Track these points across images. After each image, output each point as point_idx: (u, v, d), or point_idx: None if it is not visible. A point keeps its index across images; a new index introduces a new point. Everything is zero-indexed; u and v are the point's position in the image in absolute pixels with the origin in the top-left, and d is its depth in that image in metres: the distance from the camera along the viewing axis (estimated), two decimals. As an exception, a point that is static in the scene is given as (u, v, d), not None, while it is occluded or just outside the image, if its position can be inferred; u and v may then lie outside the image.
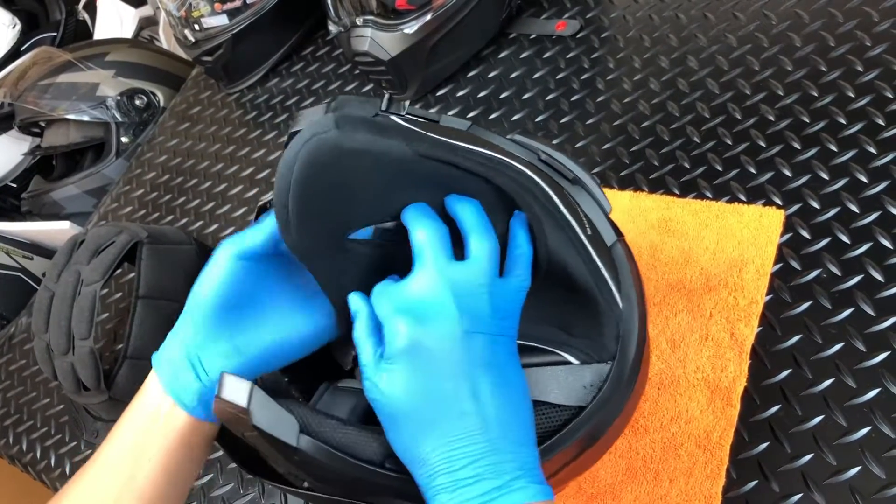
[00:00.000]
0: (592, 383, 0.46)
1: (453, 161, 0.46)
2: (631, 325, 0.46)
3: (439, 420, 0.40)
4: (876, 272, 0.63)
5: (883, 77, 0.73)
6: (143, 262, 0.86)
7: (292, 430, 0.40)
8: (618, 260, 0.47)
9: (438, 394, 0.40)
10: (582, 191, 0.49)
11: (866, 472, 0.56)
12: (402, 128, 0.46)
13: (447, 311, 0.41)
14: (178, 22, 1.14)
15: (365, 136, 0.43)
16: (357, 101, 0.49)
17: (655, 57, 0.87)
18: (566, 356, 0.47)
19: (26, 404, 1.02)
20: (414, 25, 0.90)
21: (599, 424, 0.46)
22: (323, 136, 0.42)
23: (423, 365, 0.41)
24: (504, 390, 0.41)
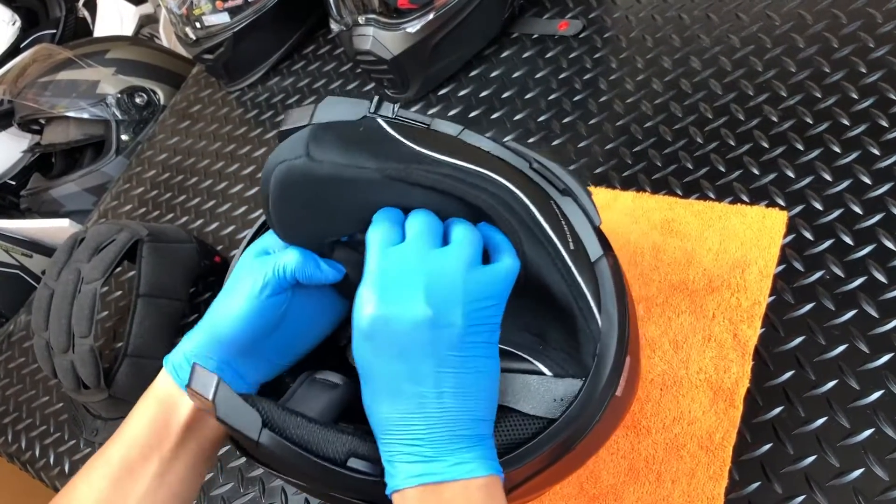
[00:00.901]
0: (563, 398, 0.45)
1: (424, 183, 0.45)
2: (608, 344, 0.45)
3: (395, 393, 0.41)
4: (879, 274, 0.63)
5: (887, 79, 0.73)
6: (144, 260, 0.86)
7: (255, 424, 0.41)
8: (601, 275, 0.46)
9: (394, 371, 0.42)
10: (572, 202, 0.48)
11: (870, 474, 0.56)
12: (376, 147, 0.46)
13: (415, 298, 0.41)
14: (179, 19, 1.13)
15: (332, 167, 0.44)
16: (346, 102, 0.49)
17: (658, 57, 0.87)
18: (540, 366, 0.47)
19: (25, 402, 1.01)
20: (416, 24, 0.90)
21: (567, 441, 0.45)
22: (293, 162, 0.45)
23: (382, 344, 0.42)
24: (462, 375, 0.41)
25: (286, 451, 0.41)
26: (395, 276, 0.42)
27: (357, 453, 0.43)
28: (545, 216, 0.46)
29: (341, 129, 0.47)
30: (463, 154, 0.46)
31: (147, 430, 0.48)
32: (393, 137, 0.47)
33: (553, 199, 0.48)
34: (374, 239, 0.45)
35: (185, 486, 0.50)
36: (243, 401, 0.41)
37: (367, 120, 0.49)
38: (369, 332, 0.42)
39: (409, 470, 0.40)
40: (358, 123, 0.48)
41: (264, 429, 0.41)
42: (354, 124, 0.48)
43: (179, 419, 0.49)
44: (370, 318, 0.42)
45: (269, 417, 0.42)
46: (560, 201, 0.48)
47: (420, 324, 0.41)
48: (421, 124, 0.50)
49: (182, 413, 0.49)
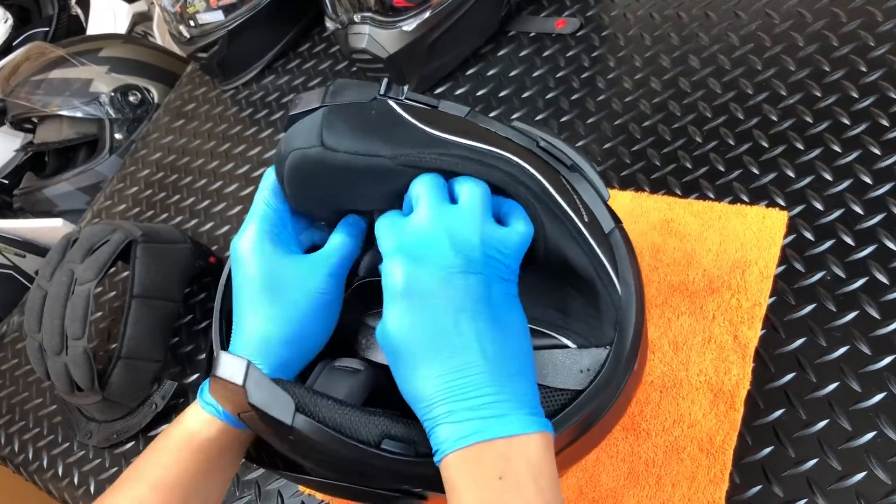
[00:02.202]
0: (590, 367, 0.46)
1: (438, 167, 0.46)
2: (629, 311, 0.46)
3: (436, 354, 0.40)
4: (881, 275, 0.63)
5: (887, 77, 0.72)
6: (138, 260, 0.85)
7: (288, 408, 0.40)
8: (615, 246, 0.47)
9: (434, 329, 0.41)
10: (580, 178, 0.49)
11: (872, 477, 0.55)
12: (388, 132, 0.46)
13: (442, 249, 0.41)
14: (172, 18, 1.12)
15: (346, 156, 0.45)
16: (356, 85, 0.50)
17: (656, 56, 0.87)
18: (564, 340, 0.47)
19: (18, 404, 1.00)
20: (412, 23, 0.89)
21: (596, 409, 0.45)
22: (307, 151, 0.46)
23: (418, 302, 0.41)
24: (498, 326, 0.41)
25: (322, 435, 0.40)
26: (416, 238, 0.43)
27: (390, 434, 0.42)
28: (558, 191, 0.46)
29: (354, 114, 0.47)
30: (474, 134, 0.47)
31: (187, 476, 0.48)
32: (405, 120, 0.47)
33: (562, 175, 0.48)
34: (382, 220, 0.46)
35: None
36: (276, 385, 0.40)
37: (378, 101, 0.49)
38: (405, 293, 0.41)
39: (459, 430, 0.39)
40: (370, 106, 0.48)
41: (297, 413, 0.40)
42: (366, 107, 0.48)
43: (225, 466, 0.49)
44: (404, 279, 0.41)
45: (302, 401, 0.41)
46: (569, 177, 0.48)
47: (453, 272, 0.41)
48: (429, 106, 0.50)
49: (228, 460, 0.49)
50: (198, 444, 0.48)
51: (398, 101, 0.49)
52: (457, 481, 0.38)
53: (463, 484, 0.38)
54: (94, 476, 0.88)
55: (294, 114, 0.49)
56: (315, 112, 0.48)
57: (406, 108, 0.48)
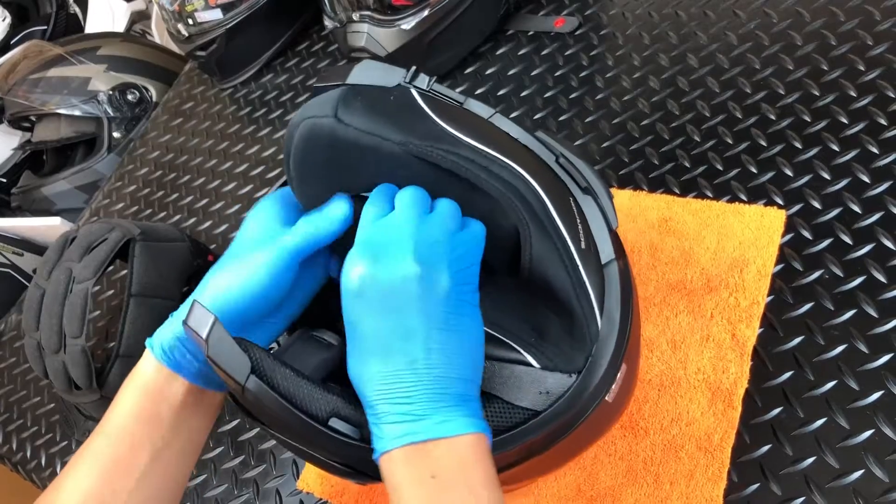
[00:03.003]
0: (550, 391, 0.45)
1: (442, 164, 0.46)
2: (606, 346, 0.44)
3: (379, 354, 0.42)
4: (879, 273, 0.63)
5: (885, 76, 0.72)
6: (136, 259, 0.85)
7: (244, 369, 0.41)
8: (609, 278, 0.46)
9: (379, 330, 0.42)
10: (592, 202, 0.48)
11: (869, 476, 0.55)
12: (403, 119, 0.46)
13: (403, 253, 0.42)
14: (171, 16, 1.12)
15: (356, 132, 0.46)
16: (382, 68, 0.49)
17: (655, 55, 0.87)
18: (529, 357, 0.46)
19: (16, 403, 1.00)
20: (411, 21, 0.89)
21: (549, 436, 0.45)
22: (320, 120, 0.46)
23: (368, 302, 0.42)
24: (445, 333, 0.42)
25: (270, 401, 0.41)
26: (384, 239, 0.44)
27: (339, 413, 0.43)
28: (560, 212, 0.46)
29: (373, 95, 0.48)
30: (490, 138, 0.46)
31: (135, 421, 0.47)
32: (422, 111, 0.47)
33: (573, 196, 0.48)
34: (366, 213, 0.46)
35: (176, 475, 0.50)
36: (236, 344, 0.41)
37: (401, 89, 0.49)
38: (359, 291, 0.43)
39: (395, 430, 0.40)
40: (390, 91, 0.48)
41: (252, 375, 0.41)
42: (387, 91, 0.48)
43: (170, 409, 0.48)
44: (360, 277, 0.43)
45: (259, 365, 0.42)
46: (580, 199, 0.48)
47: (410, 279, 0.42)
48: (454, 101, 0.50)
49: (172, 402, 0.48)
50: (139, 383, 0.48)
51: (422, 91, 0.49)
52: (394, 478, 0.40)
53: (399, 481, 0.40)
54: (92, 474, 0.87)
55: (318, 86, 0.49)
56: (334, 90, 0.48)
57: (428, 99, 0.48)
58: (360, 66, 0.49)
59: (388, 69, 0.49)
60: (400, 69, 0.49)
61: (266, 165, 1.04)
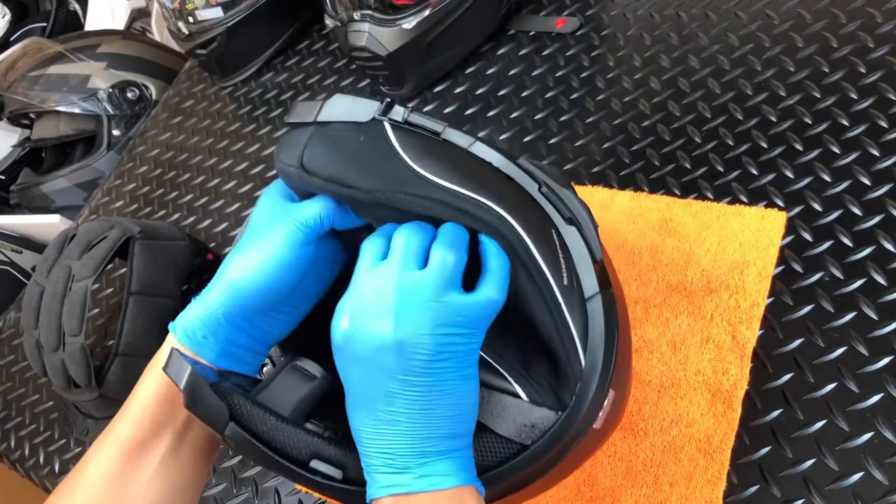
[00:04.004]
0: (535, 425, 0.45)
1: (411, 210, 0.45)
2: (589, 385, 0.44)
3: (366, 409, 0.42)
4: (879, 276, 0.63)
5: (886, 79, 0.73)
6: (136, 257, 0.85)
7: (222, 417, 0.42)
8: (592, 314, 0.44)
9: (364, 390, 0.43)
10: (575, 233, 0.45)
11: (869, 478, 0.56)
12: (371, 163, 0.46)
13: (383, 319, 0.41)
14: (171, 14, 1.12)
15: (322, 183, 0.46)
16: (354, 102, 0.48)
17: (656, 56, 0.87)
18: (518, 389, 0.46)
19: (15, 401, 1.00)
20: (412, 21, 0.89)
21: (533, 473, 0.45)
22: (287, 168, 0.47)
23: (351, 359, 0.43)
24: (432, 395, 0.41)
25: (249, 447, 0.42)
26: (369, 295, 0.43)
27: (320, 455, 0.44)
28: (540, 248, 0.44)
29: (341, 138, 0.47)
30: (465, 174, 0.45)
31: (157, 405, 0.47)
32: (393, 151, 0.46)
33: (556, 228, 0.46)
34: (366, 251, 0.45)
35: (198, 462, 0.50)
36: (213, 393, 0.42)
37: (373, 125, 0.47)
38: (341, 347, 0.43)
39: (382, 480, 0.41)
40: (360, 130, 0.47)
41: (231, 422, 0.42)
42: (356, 131, 0.47)
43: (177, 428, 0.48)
44: (342, 334, 0.43)
45: (238, 412, 0.43)
46: (563, 231, 0.45)
47: (385, 346, 0.41)
48: (431, 132, 0.47)
49: None
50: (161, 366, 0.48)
51: (396, 124, 0.47)
52: None
53: None
54: (90, 473, 0.87)
55: (290, 122, 0.49)
56: (303, 131, 0.48)
57: (401, 134, 0.47)
58: (331, 102, 0.48)
59: (360, 103, 0.48)
60: (374, 102, 0.48)
61: (266, 164, 1.04)
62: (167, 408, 0.47)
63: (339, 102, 0.48)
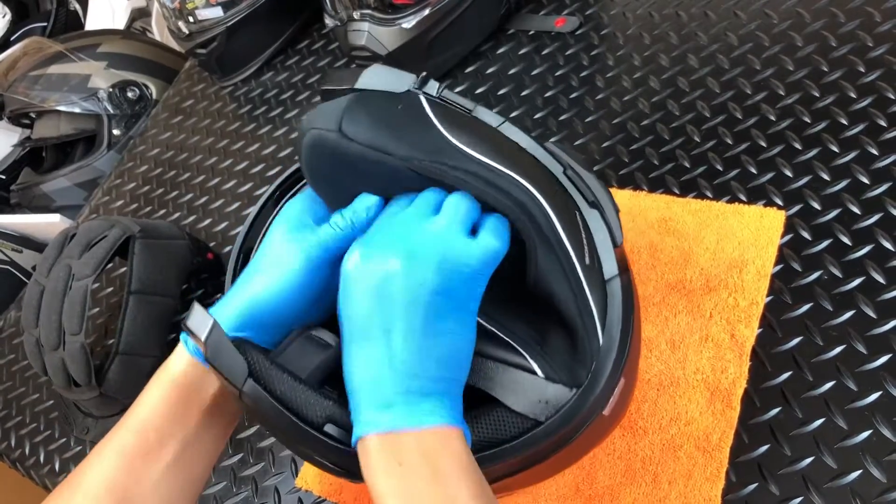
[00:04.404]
0: (549, 401, 0.45)
1: (445, 181, 0.46)
2: (605, 363, 0.44)
3: (362, 342, 0.42)
4: (877, 274, 0.63)
5: (885, 78, 0.73)
6: (136, 256, 0.85)
7: (241, 372, 0.42)
8: (611, 295, 0.45)
9: (366, 315, 0.43)
10: (598, 216, 0.47)
11: (867, 476, 0.56)
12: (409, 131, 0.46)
13: (393, 250, 0.43)
14: (171, 13, 1.12)
15: (360, 148, 0.46)
16: (391, 73, 0.49)
17: (655, 55, 0.87)
18: (534, 365, 0.46)
19: (15, 400, 1.00)
20: (412, 20, 0.89)
21: (545, 450, 0.45)
22: (324, 133, 0.46)
23: (357, 290, 0.43)
24: (428, 330, 0.42)
25: (266, 405, 0.42)
26: (383, 234, 0.45)
27: (335, 420, 0.43)
28: (565, 227, 0.45)
29: (379, 106, 0.47)
30: (498, 150, 0.46)
31: (164, 414, 0.47)
32: (429, 121, 0.47)
33: (579, 210, 0.47)
34: (385, 212, 0.47)
35: (200, 469, 0.50)
36: (234, 348, 0.42)
37: (409, 96, 0.48)
38: (351, 276, 0.43)
39: (369, 417, 0.41)
40: (398, 99, 0.48)
41: (249, 378, 0.42)
42: (394, 99, 0.48)
43: (201, 404, 0.48)
44: (353, 263, 0.43)
45: (257, 369, 0.42)
46: (586, 213, 0.47)
47: (393, 274, 0.42)
48: (463, 109, 0.49)
49: (204, 397, 0.48)
50: (171, 377, 0.48)
51: (430, 98, 0.48)
52: (368, 464, 0.41)
53: (372, 467, 0.41)
54: (90, 471, 0.87)
55: (326, 89, 0.49)
56: (339, 98, 0.48)
57: (436, 107, 0.47)
58: (370, 71, 0.49)
59: (398, 74, 0.49)
60: (410, 74, 0.49)
61: (266, 163, 1.04)
62: (176, 420, 0.47)
63: (376, 72, 0.49)
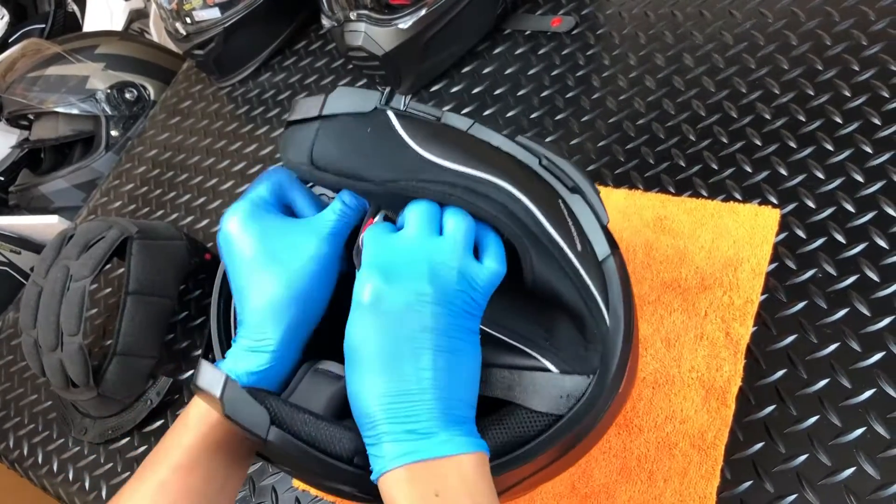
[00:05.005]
0: (570, 394, 0.45)
1: (419, 195, 0.46)
2: (615, 343, 0.45)
3: (386, 374, 0.41)
4: (871, 272, 0.63)
5: (879, 76, 0.73)
6: (133, 257, 0.85)
7: (263, 422, 0.41)
8: (608, 274, 0.46)
9: (389, 350, 0.42)
10: (580, 200, 0.48)
11: (861, 473, 0.56)
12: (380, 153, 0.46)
13: (418, 275, 0.43)
14: (169, 15, 1.12)
15: (334, 179, 0.47)
16: (356, 94, 0.49)
17: (651, 54, 0.87)
18: (546, 363, 0.46)
19: (13, 400, 1.00)
20: (408, 20, 0.90)
21: (576, 436, 0.45)
22: (299, 167, 0.47)
23: (381, 320, 0.42)
24: (450, 357, 0.42)
25: (295, 449, 0.41)
26: (396, 258, 0.44)
27: (362, 451, 0.43)
28: (551, 219, 0.45)
29: (348, 131, 0.47)
30: (471, 154, 0.46)
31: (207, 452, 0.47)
32: (400, 139, 0.47)
33: (561, 197, 0.48)
34: (372, 230, 0.46)
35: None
36: (252, 398, 0.41)
37: (377, 114, 0.48)
38: (371, 307, 0.42)
39: (398, 449, 0.40)
40: (366, 120, 0.48)
41: (272, 426, 0.41)
42: (363, 121, 0.48)
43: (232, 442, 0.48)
44: (373, 293, 0.43)
45: (277, 414, 0.42)
46: (569, 199, 0.48)
47: (424, 300, 0.42)
48: (432, 117, 0.49)
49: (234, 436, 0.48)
50: (214, 419, 0.48)
51: (398, 112, 0.48)
52: (396, 498, 0.40)
53: (402, 500, 0.40)
54: (88, 472, 0.88)
55: (291, 120, 0.49)
56: (308, 127, 0.48)
57: (405, 121, 0.48)
58: (334, 95, 0.48)
59: (363, 94, 0.49)
60: (374, 92, 0.49)
61: (263, 164, 1.05)
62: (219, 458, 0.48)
63: (341, 95, 0.49)
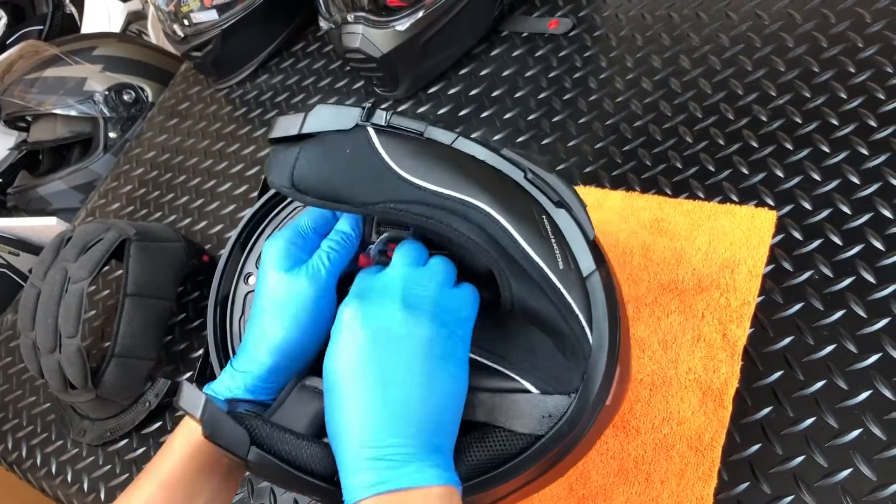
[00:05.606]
0: (552, 414, 0.45)
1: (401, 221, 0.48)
2: (598, 360, 0.44)
3: (363, 399, 0.42)
4: (868, 274, 0.63)
5: (875, 79, 0.73)
6: (131, 259, 0.85)
7: (243, 442, 0.42)
8: (592, 291, 0.45)
9: (365, 375, 0.42)
10: (566, 215, 0.47)
11: (858, 474, 0.56)
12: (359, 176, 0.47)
13: (391, 299, 0.44)
14: (166, 17, 1.13)
15: (314, 200, 0.48)
16: (336, 111, 0.49)
17: (648, 56, 0.87)
18: (527, 384, 0.46)
19: (12, 402, 1.00)
20: (406, 22, 0.90)
21: (555, 456, 0.45)
22: (282, 188, 0.49)
23: (355, 343, 0.43)
24: (426, 384, 0.42)
25: (275, 468, 0.42)
26: (376, 287, 0.46)
27: None
28: (530, 238, 0.45)
29: (328, 153, 0.48)
30: (451, 172, 0.46)
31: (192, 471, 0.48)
32: (379, 159, 0.47)
33: (546, 212, 0.47)
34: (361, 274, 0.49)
35: None
36: (231, 419, 0.42)
37: (358, 132, 0.48)
38: (346, 330, 0.44)
39: (367, 479, 0.40)
40: (347, 138, 0.48)
41: (252, 446, 0.42)
42: (343, 141, 0.48)
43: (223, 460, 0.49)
44: (349, 320, 0.44)
45: (257, 435, 0.43)
46: (554, 214, 0.47)
47: (393, 323, 0.43)
48: (414, 132, 0.49)
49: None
50: (197, 440, 0.48)
51: (380, 128, 0.48)
52: None
53: None
54: (87, 474, 0.88)
55: (272, 138, 0.49)
56: (290, 149, 0.49)
57: (385, 138, 0.47)
58: (314, 113, 0.49)
59: (342, 111, 0.49)
60: (355, 109, 0.49)
61: (261, 166, 1.05)
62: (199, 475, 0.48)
63: (321, 113, 0.49)
